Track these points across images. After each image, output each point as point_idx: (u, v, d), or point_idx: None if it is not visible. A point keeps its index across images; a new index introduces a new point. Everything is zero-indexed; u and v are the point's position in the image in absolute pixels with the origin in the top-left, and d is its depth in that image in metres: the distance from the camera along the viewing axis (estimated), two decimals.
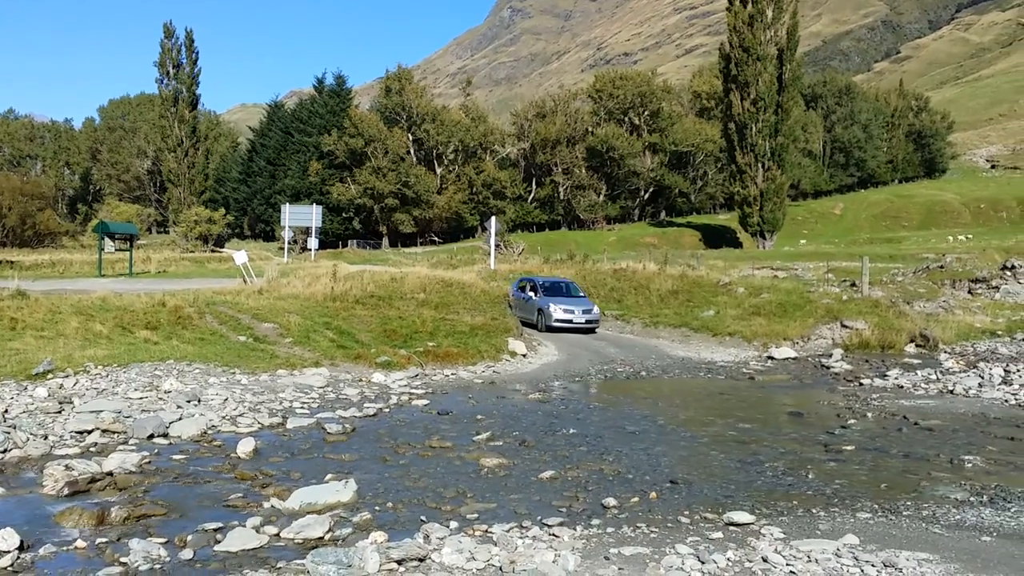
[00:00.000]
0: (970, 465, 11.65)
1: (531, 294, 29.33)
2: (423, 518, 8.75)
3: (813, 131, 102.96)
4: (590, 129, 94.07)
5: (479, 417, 14.54)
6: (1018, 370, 19.42)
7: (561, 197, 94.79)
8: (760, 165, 73.71)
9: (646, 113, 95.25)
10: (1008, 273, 36.71)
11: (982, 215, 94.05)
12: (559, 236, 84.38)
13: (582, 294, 29.78)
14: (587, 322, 27.83)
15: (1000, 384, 18.25)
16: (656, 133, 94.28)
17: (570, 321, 27.56)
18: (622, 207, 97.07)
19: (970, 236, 77.50)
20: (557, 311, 27.66)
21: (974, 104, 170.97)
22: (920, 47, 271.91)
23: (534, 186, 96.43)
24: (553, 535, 8.22)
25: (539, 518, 8.78)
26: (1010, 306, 31.85)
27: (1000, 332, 26.73)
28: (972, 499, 9.93)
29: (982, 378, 18.82)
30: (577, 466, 11.24)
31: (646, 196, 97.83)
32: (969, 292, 35.10)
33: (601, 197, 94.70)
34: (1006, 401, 16.75)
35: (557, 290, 29.64)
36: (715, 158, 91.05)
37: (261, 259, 46.40)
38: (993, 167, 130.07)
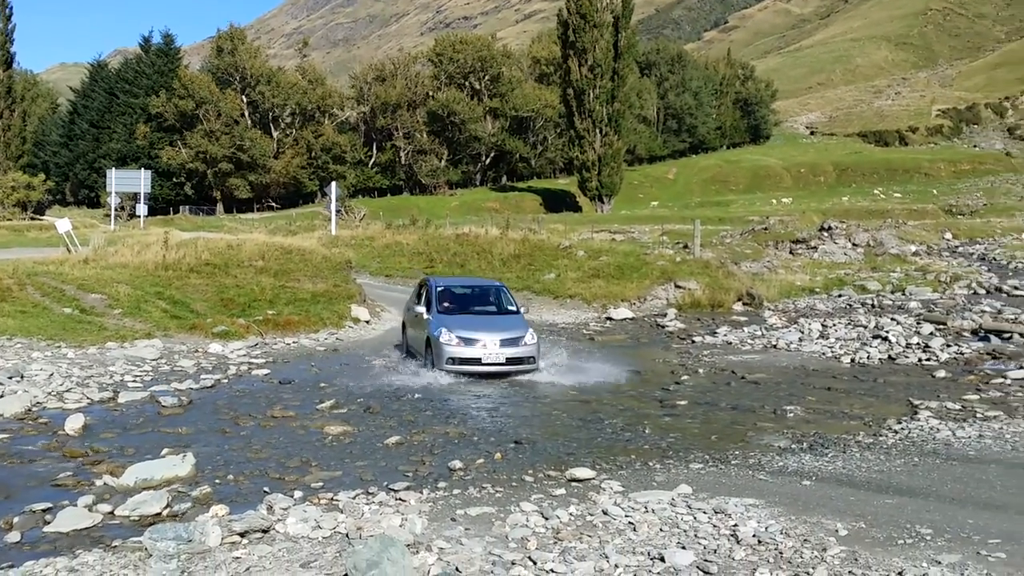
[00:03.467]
0: (792, 415, 12.41)
1: (422, 308, 16.79)
2: (266, 489, 8.63)
3: (648, 98, 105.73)
4: (431, 93, 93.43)
5: (322, 385, 14.39)
6: (834, 325, 20.78)
7: (403, 162, 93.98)
8: (598, 131, 75.25)
9: (486, 78, 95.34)
10: (825, 234, 39.10)
11: (802, 179, 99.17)
12: (401, 201, 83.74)
13: (513, 307, 17.29)
14: (509, 361, 15.37)
15: (818, 338, 19.48)
16: (497, 98, 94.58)
17: (477, 361, 15.25)
18: (464, 172, 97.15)
19: (791, 199, 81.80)
20: (452, 342, 15.31)
21: (795, 73, 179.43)
22: (746, 17, 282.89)
23: (375, 151, 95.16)
24: (400, 500, 8.28)
25: (385, 483, 8.81)
26: (827, 265, 33.90)
27: (818, 289, 28.45)
28: (793, 447, 10.60)
29: (802, 333, 20.03)
30: (423, 430, 11.31)
31: (487, 161, 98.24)
32: (791, 252, 37.13)
33: (443, 162, 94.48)
34: (823, 354, 17.89)
35: (469, 300, 17.70)
36: (555, 123, 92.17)
37: (86, 227, 43.98)
38: (812, 134, 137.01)
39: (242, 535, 7.09)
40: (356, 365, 16.62)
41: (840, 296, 26.90)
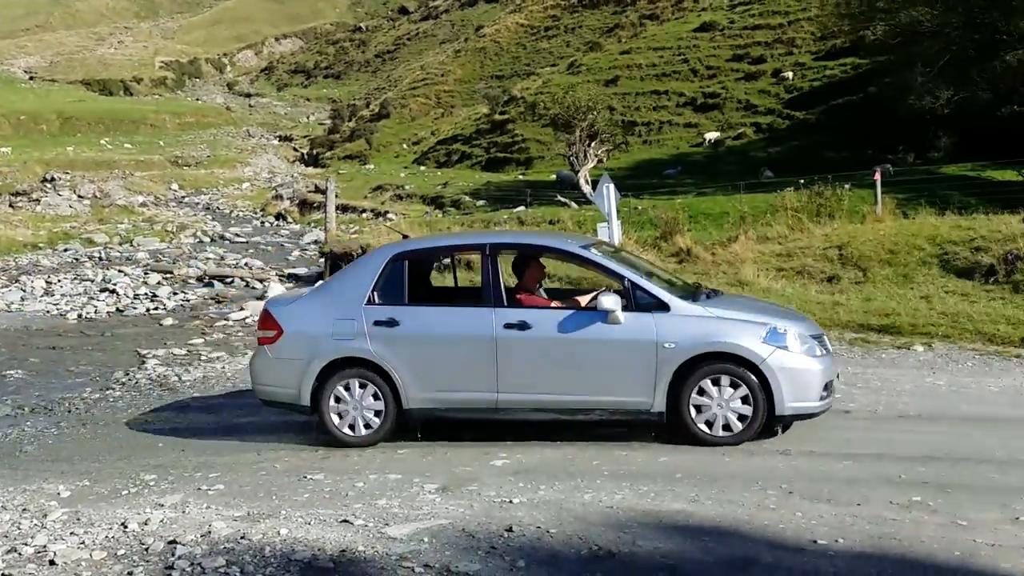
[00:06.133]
0: (13, 378, 11.70)
1: (612, 301, 7.14)
2: None
3: None
4: None
5: None
6: (60, 280, 20.21)
7: None
8: None
9: None
10: (49, 186, 37.72)
11: (23, 127, 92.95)
12: None
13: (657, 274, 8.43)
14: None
15: (43, 296, 18.76)
16: None
17: (832, 383, 7.62)
18: None
19: (11, 149, 76.22)
20: (807, 349, 7.32)
21: (11, 13, 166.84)
22: None
23: None
24: None
25: None
26: (51, 218, 32.73)
27: (43, 244, 27.47)
28: (15, 412, 10.02)
29: (24, 291, 19.09)
30: None
31: None
32: (11, 206, 35.14)
33: None
34: (48, 312, 17.23)
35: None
36: None
37: None
38: (32, 79, 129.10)
39: None
40: None
41: (67, 251, 26.28)
